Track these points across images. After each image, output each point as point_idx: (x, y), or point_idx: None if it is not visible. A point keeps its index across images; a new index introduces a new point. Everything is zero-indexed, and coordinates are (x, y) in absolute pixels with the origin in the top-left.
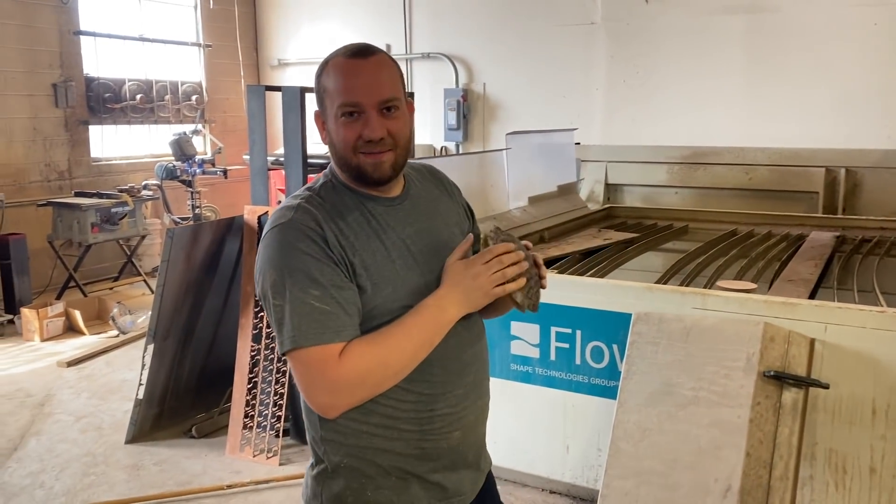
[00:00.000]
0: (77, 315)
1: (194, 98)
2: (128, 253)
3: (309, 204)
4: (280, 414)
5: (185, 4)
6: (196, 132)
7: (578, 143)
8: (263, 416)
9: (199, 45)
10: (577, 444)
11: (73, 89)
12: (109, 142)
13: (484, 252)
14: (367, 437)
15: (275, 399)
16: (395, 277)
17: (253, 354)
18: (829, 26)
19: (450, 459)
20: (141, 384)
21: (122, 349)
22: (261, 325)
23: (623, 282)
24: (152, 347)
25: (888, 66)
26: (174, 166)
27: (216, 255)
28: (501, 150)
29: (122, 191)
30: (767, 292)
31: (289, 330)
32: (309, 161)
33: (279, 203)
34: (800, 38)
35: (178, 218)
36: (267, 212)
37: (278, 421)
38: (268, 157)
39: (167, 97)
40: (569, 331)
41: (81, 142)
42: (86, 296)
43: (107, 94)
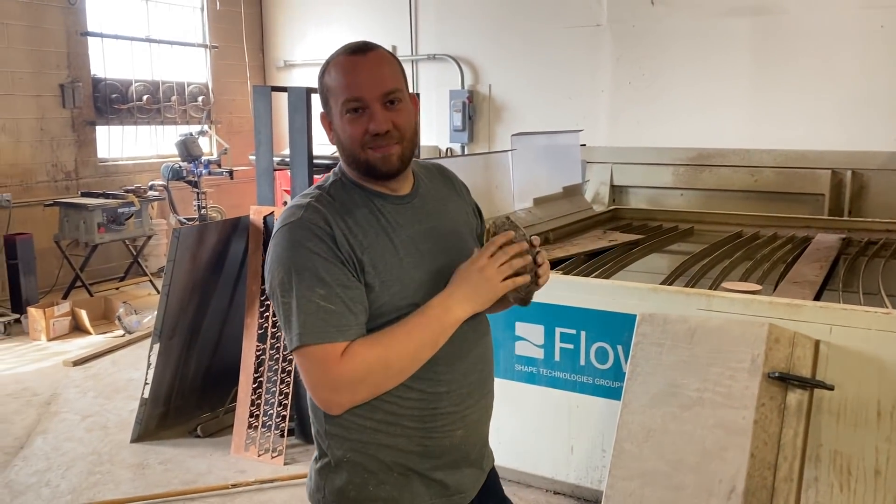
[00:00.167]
0: (83, 315)
1: (200, 99)
2: (134, 253)
3: (318, 202)
4: (285, 413)
5: (192, 6)
6: (202, 133)
7: (584, 145)
8: (268, 415)
9: (205, 46)
10: (582, 444)
11: (80, 90)
12: (116, 142)
13: (487, 245)
14: (371, 433)
15: (280, 399)
16: (403, 275)
17: (258, 354)
18: (836, 28)
19: (452, 457)
20: (146, 383)
21: (128, 349)
22: (266, 325)
23: (628, 283)
24: (158, 347)
25: (895, 69)
26: (180, 167)
27: (222, 256)
28: (507, 151)
29: (128, 191)
30: (773, 294)
31: (295, 328)
32: (315, 161)
33: (285, 203)
34: (806, 40)
35: (184, 218)
36: (272, 212)
37: (283, 420)
38: (274, 158)
39: (173, 98)
40: (573, 332)
41: (88, 142)
42: (92, 295)
43: (114, 95)
